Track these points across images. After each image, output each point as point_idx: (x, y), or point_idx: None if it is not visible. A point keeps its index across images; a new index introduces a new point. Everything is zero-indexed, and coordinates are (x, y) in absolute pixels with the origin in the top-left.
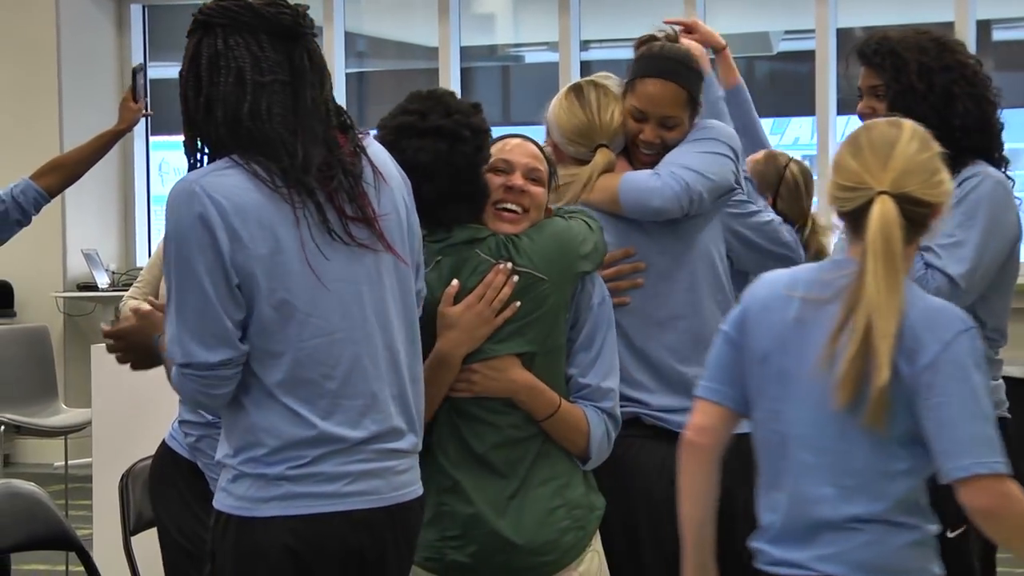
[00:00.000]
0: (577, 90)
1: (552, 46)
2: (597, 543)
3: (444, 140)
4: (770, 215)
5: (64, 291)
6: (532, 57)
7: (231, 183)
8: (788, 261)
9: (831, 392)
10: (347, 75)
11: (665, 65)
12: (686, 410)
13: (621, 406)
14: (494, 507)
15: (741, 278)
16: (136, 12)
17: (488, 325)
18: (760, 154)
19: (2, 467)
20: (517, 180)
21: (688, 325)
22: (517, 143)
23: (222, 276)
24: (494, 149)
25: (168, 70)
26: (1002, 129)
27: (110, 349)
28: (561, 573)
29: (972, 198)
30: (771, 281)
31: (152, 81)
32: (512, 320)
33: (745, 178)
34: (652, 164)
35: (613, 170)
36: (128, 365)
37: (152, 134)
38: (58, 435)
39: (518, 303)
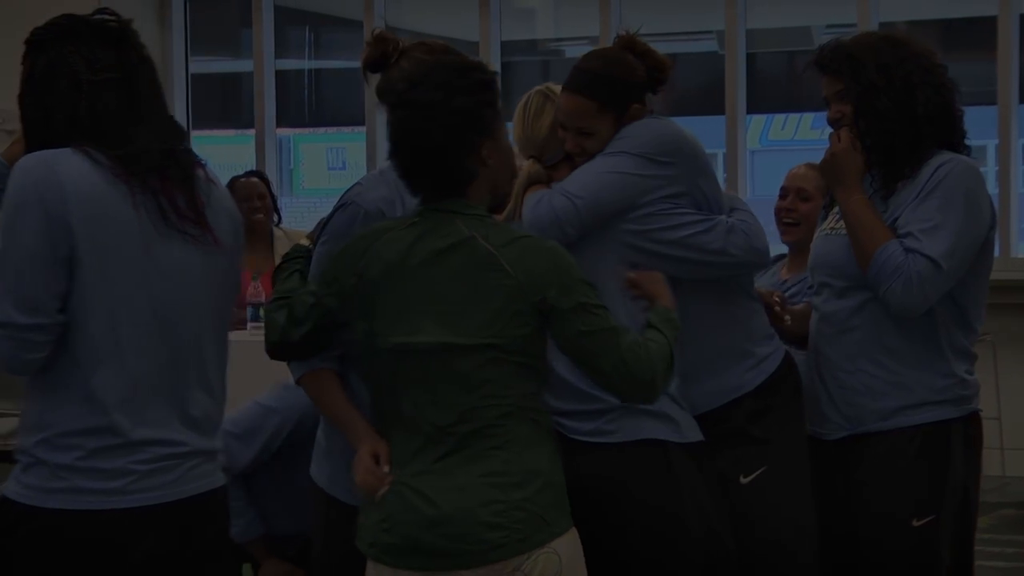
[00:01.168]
0: (526, 100)
1: (593, 41)
2: (566, 557)
3: (417, 115)
4: (697, 227)
5: None
6: (573, 52)
7: (75, 164)
8: (729, 268)
9: None
10: None
11: (574, 76)
12: (576, 414)
13: None
14: (420, 486)
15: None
16: (178, 5)
17: None
18: None
19: None
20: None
21: None
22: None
23: (49, 245)
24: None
25: (210, 64)
26: (962, 117)
27: None
28: (487, 568)
29: (948, 183)
30: None
31: (193, 76)
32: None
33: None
34: None
35: (543, 180)
36: None
37: (192, 128)
38: None
39: None
